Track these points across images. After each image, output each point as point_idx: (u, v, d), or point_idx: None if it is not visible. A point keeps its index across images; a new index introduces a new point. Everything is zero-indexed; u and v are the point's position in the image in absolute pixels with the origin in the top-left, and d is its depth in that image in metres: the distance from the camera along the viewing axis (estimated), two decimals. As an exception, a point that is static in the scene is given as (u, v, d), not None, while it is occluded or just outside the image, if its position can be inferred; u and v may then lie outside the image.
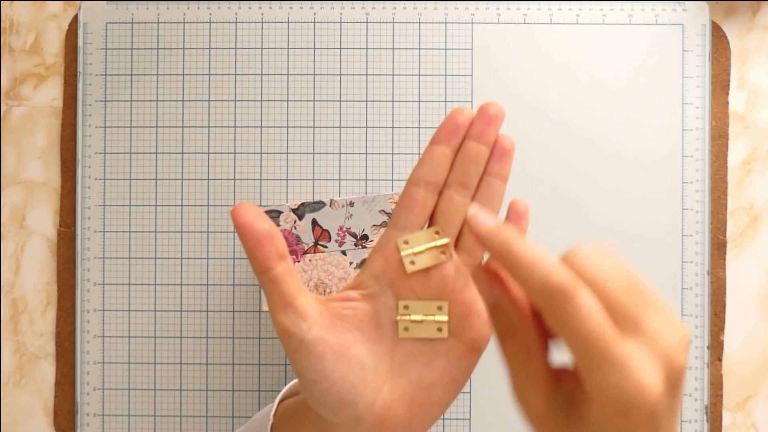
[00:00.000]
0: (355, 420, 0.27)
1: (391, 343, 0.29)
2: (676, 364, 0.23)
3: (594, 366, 0.22)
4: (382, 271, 0.29)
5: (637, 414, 0.22)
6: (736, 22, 0.54)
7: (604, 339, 0.22)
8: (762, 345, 0.53)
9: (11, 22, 0.54)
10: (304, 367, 0.27)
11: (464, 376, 0.29)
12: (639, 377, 0.22)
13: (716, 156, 0.53)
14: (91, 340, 0.53)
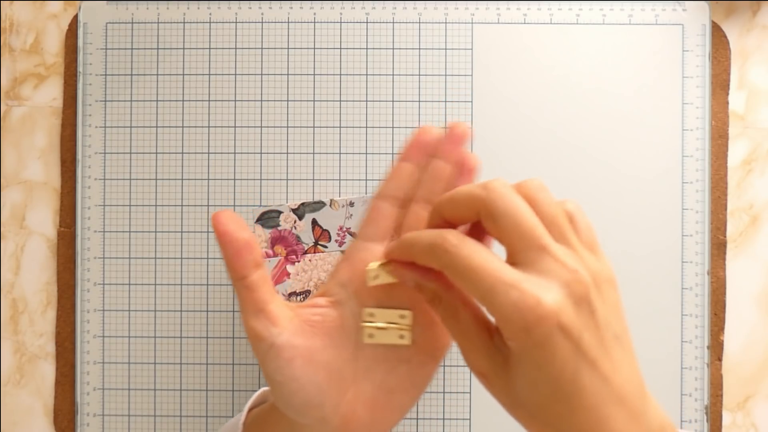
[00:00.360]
0: (321, 421, 0.29)
1: (355, 348, 0.30)
2: (577, 279, 0.25)
3: (489, 298, 0.24)
4: (349, 280, 0.30)
5: (540, 327, 0.24)
6: (736, 22, 0.54)
7: (487, 271, 0.24)
8: (762, 345, 0.53)
9: (11, 22, 0.54)
10: (273, 370, 0.28)
11: (425, 381, 0.31)
12: (525, 293, 0.24)
13: (716, 156, 0.53)
14: (91, 340, 0.53)
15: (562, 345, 0.24)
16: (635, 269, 0.52)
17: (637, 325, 0.52)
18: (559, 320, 0.24)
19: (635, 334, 0.52)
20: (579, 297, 0.25)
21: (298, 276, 0.45)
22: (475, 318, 0.28)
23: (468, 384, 0.53)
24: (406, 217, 0.30)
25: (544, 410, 0.25)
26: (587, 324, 0.25)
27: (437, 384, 0.53)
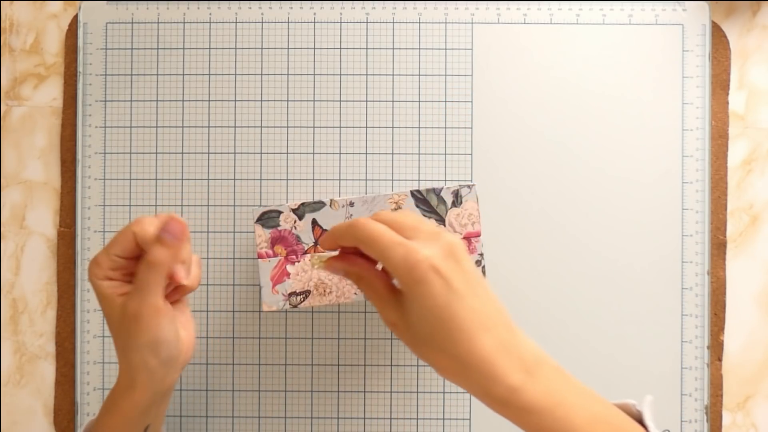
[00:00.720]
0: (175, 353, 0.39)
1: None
2: (443, 238, 0.35)
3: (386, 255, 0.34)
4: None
5: (418, 268, 0.33)
6: (736, 22, 0.54)
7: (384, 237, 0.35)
8: (762, 345, 0.53)
9: (11, 22, 0.54)
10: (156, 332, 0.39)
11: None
12: (408, 247, 0.34)
13: (716, 156, 0.53)
14: (91, 340, 0.53)
15: (436, 281, 0.33)
16: (635, 269, 0.52)
17: (637, 325, 0.52)
18: (431, 263, 0.34)
19: (635, 334, 0.52)
20: (447, 251, 0.35)
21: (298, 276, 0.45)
22: (385, 285, 0.38)
23: (468, 384, 0.53)
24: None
25: (431, 336, 0.34)
26: (455, 269, 0.34)
27: (437, 384, 0.53)
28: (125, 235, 0.38)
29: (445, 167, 0.53)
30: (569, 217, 0.52)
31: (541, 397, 0.33)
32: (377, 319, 0.53)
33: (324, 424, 0.53)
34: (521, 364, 0.34)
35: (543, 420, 0.33)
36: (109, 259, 0.38)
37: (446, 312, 0.33)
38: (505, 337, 0.34)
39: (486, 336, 0.34)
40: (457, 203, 0.45)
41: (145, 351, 0.39)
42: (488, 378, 0.33)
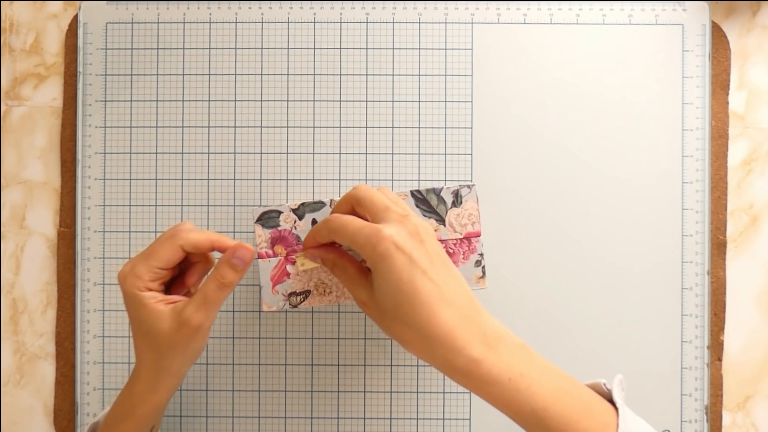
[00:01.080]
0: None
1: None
2: (407, 220, 0.37)
3: (353, 239, 0.37)
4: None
5: (381, 245, 0.36)
6: (736, 22, 0.54)
7: (351, 224, 0.38)
8: (762, 345, 0.53)
9: (11, 22, 0.54)
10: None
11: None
12: (372, 228, 0.36)
13: (716, 156, 0.53)
14: (91, 340, 0.53)
15: (399, 258, 0.35)
16: (635, 269, 0.52)
17: (637, 325, 0.52)
18: (394, 240, 0.36)
19: (635, 334, 0.52)
20: (411, 230, 0.37)
21: (298, 276, 0.45)
22: (355, 267, 0.41)
23: (468, 384, 0.53)
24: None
25: (396, 310, 0.36)
26: (418, 247, 0.36)
27: (437, 384, 0.53)
28: (169, 248, 0.40)
29: (445, 167, 0.53)
30: (569, 217, 0.52)
31: (503, 369, 0.35)
32: (377, 319, 0.53)
33: (324, 424, 0.53)
34: (483, 337, 0.35)
35: (505, 391, 0.34)
36: (150, 271, 0.40)
37: (409, 286, 0.35)
38: (467, 311, 0.35)
39: (448, 310, 0.35)
40: (457, 203, 0.45)
41: (189, 359, 0.42)
42: (450, 350, 0.35)
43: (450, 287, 0.36)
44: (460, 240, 0.45)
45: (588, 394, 0.37)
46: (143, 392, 0.41)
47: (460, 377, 0.35)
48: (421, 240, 0.37)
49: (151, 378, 0.41)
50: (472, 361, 0.35)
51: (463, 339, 0.35)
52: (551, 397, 0.35)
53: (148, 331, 0.40)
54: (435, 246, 0.37)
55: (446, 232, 0.45)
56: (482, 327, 0.35)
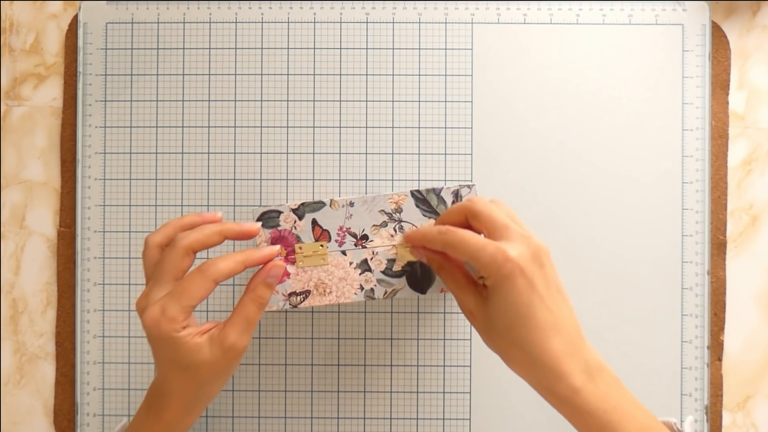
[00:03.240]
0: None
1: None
2: (531, 243, 0.37)
3: (476, 256, 0.37)
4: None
5: (507, 266, 0.36)
6: (736, 22, 0.54)
7: (473, 240, 0.38)
8: (762, 345, 0.53)
9: (11, 22, 0.54)
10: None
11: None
12: (498, 247, 0.37)
13: (716, 156, 0.53)
14: (91, 340, 0.53)
15: (521, 281, 0.36)
16: (635, 269, 0.52)
17: (637, 325, 0.52)
18: (518, 264, 0.36)
19: (635, 334, 0.52)
20: (533, 254, 0.37)
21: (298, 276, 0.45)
22: (465, 276, 0.41)
23: (468, 384, 0.53)
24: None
25: (509, 330, 0.37)
26: (538, 272, 0.37)
27: (437, 384, 0.53)
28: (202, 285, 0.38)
29: (445, 167, 0.53)
30: (569, 218, 0.52)
31: (598, 400, 0.36)
32: (377, 319, 0.53)
33: (324, 424, 0.53)
34: (585, 367, 0.37)
35: (597, 421, 0.36)
36: (184, 311, 0.38)
37: (526, 309, 0.36)
38: (574, 341, 0.37)
39: (558, 337, 0.36)
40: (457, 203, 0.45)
41: (228, 378, 0.42)
42: (554, 376, 0.36)
43: (563, 315, 0.37)
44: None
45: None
46: (178, 417, 0.41)
47: (558, 403, 0.37)
48: (541, 264, 0.37)
49: (187, 404, 0.41)
50: (573, 390, 0.36)
51: (567, 367, 0.36)
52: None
53: (187, 366, 0.39)
54: (552, 270, 0.38)
55: None
56: (586, 357, 0.37)
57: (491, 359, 0.53)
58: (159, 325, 0.38)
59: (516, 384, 0.52)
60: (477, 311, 0.39)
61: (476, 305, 0.39)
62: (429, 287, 0.45)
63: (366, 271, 0.45)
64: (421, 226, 0.44)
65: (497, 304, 0.37)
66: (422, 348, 0.53)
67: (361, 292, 0.45)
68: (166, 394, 0.40)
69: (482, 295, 0.39)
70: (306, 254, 0.45)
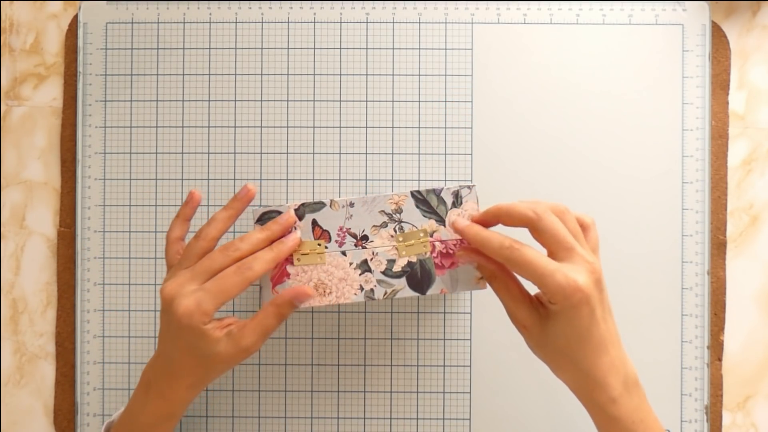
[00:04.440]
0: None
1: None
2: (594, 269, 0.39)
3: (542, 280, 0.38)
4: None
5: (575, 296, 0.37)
6: (736, 22, 0.54)
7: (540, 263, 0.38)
8: (762, 345, 0.53)
9: (11, 22, 0.54)
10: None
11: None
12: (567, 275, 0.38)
13: (716, 156, 0.53)
14: (91, 340, 0.53)
15: (585, 309, 0.38)
16: (635, 269, 0.52)
17: (637, 325, 0.52)
18: (586, 294, 0.38)
19: (635, 334, 0.52)
20: (596, 280, 0.39)
21: (298, 276, 0.45)
22: (519, 288, 0.42)
23: (468, 384, 0.53)
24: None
25: (565, 348, 0.39)
26: (599, 298, 0.39)
27: (437, 384, 0.53)
28: (240, 285, 0.41)
29: (445, 167, 0.53)
30: (569, 217, 0.52)
31: (630, 411, 0.40)
32: (377, 319, 0.53)
33: (324, 424, 0.53)
34: (624, 381, 0.40)
35: (624, 430, 0.40)
36: (217, 308, 0.41)
37: (586, 333, 0.39)
38: (617, 356, 0.40)
39: (606, 355, 0.40)
40: (457, 204, 0.45)
41: (231, 368, 0.47)
42: (599, 387, 0.40)
43: (611, 334, 0.40)
44: (461, 241, 0.45)
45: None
46: (183, 396, 0.43)
47: (594, 409, 0.40)
48: (601, 290, 0.39)
49: (193, 385, 0.43)
50: (611, 400, 0.40)
51: (611, 380, 0.40)
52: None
53: (202, 354, 0.42)
54: (607, 294, 0.40)
55: (446, 232, 0.45)
56: (626, 371, 0.40)
57: (491, 359, 0.53)
58: (192, 316, 0.40)
59: (516, 384, 0.52)
60: (532, 326, 0.41)
61: (531, 320, 0.41)
62: (429, 288, 0.45)
63: (366, 271, 0.45)
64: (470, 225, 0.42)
65: (557, 326, 0.39)
66: (422, 348, 0.53)
67: (361, 292, 0.45)
68: (174, 375, 0.43)
69: (538, 311, 0.41)
70: (303, 252, 0.45)
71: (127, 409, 0.45)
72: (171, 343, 0.42)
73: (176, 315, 0.41)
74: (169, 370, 0.43)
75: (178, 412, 0.44)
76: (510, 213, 0.41)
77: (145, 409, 0.44)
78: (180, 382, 0.43)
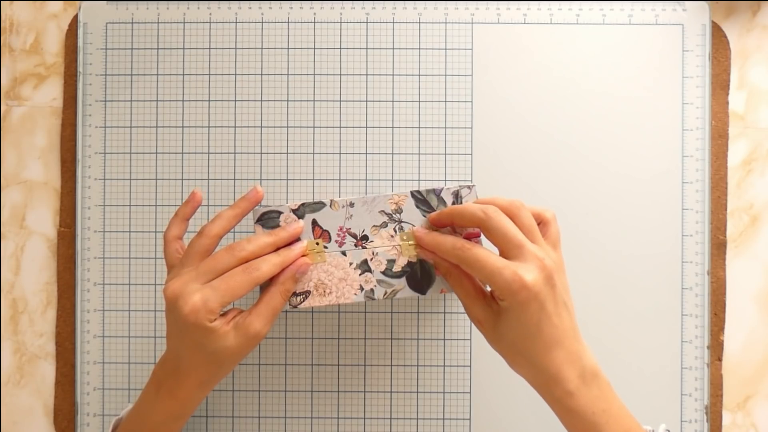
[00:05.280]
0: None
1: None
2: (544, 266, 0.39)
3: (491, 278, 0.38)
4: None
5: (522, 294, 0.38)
6: (736, 22, 0.54)
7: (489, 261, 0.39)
8: (762, 345, 0.53)
9: (11, 22, 0.54)
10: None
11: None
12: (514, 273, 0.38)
13: (716, 156, 0.53)
14: (91, 340, 0.53)
15: (534, 305, 0.38)
16: (635, 269, 0.52)
17: (637, 325, 0.52)
18: (533, 290, 0.38)
19: (635, 334, 0.52)
20: (546, 276, 0.39)
21: (298, 276, 0.45)
22: (473, 285, 0.42)
23: (468, 384, 0.53)
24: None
25: (518, 344, 0.40)
26: (550, 294, 0.39)
27: (437, 383, 0.53)
28: (248, 286, 0.41)
29: (445, 167, 0.53)
30: (569, 218, 0.52)
31: (589, 404, 0.40)
32: (377, 319, 0.53)
33: (324, 424, 0.53)
34: (581, 373, 0.40)
35: (586, 424, 0.40)
36: (222, 306, 0.41)
37: (535, 328, 0.39)
38: (573, 348, 0.40)
39: (560, 349, 0.40)
40: (457, 204, 0.45)
41: (240, 361, 0.46)
42: (553, 381, 0.40)
43: (564, 327, 0.40)
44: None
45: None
46: (193, 394, 0.43)
47: (553, 403, 0.41)
48: (553, 285, 0.39)
49: (203, 383, 0.43)
50: (567, 393, 0.40)
51: (565, 374, 0.39)
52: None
53: (211, 351, 0.41)
54: (561, 286, 0.40)
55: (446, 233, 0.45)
56: (583, 363, 0.40)
57: (491, 359, 0.53)
58: (197, 314, 0.40)
59: (516, 384, 0.52)
60: (485, 321, 0.41)
61: (485, 315, 0.41)
62: (429, 288, 0.45)
63: (366, 271, 0.45)
64: (426, 233, 0.43)
65: (507, 322, 0.40)
66: (422, 348, 0.53)
67: (361, 292, 0.45)
68: (183, 374, 0.42)
69: (491, 306, 0.41)
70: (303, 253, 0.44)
71: (135, 408, 0.45)
72: (179, 342, 0.42)
73: (182, 314, 0.40)
74: (179, 369, 0.42)
75: (187, 412, 0.44)
76: (462, 214, 0.41)
77: (155, 408, 0.43)
78: (190, 381, 0.42)
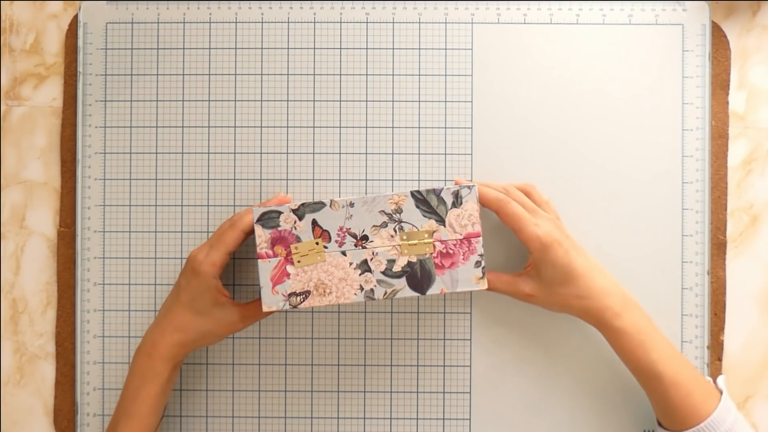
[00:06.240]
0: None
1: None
2: (557, 223, 0.48)
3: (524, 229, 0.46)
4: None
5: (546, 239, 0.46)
6: (736, 22, 0.54)
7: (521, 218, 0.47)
8: (762, 345, 0.53)
9: (11, 22, 0.54)
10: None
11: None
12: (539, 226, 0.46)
13: (716, 156, 0.53)
14: (91, 340, 0.53)
15: (559, 249, 0.46)
16: (635, 269, 0.52)
17: (637, 325, 0.52)
18: (554, 236, 0.46)
19: (635, 334, 0.52)
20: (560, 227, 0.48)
21: (298, 276, 0.45)
22: (509, 276, 0.49)
23: (468, 384, 0.53)
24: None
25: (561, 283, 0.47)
26: (565, 239, 0.47)
27: (437, 384, 0.53)
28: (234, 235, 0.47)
29: (445, 167, 0.53)
30: (569, 218, 0.52)
31: (634, 324, 0.47)
32: (377, 319, 0.53)
33: (324, 424, 0.53)
34: (623, 299, 0.47)
35: (632, 342, 0.46)
36: (221, 258, 0.47)
37: (568, 266, 0.47)
38: (609, 282, 0.48)
39: (600, 276, 0.47)
40: (457, 204, 0.45)
41: (208, 344, 0.51)
42: (602, 306, 0.47)
43: (594, 263, 0.48)
44: (460, 241, 0.45)
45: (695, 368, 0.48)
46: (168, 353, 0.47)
47: (603, 326, 0.47)
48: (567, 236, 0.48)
49: (181, 345, 0.47)
50: (615, 314, 0.46)
51: (611, 299, 0.47)
52: (667, 357, 0.46)
53: (201, 309, 0.47)
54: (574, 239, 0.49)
55: (446, 232, 0.45)
56: (622, 291, 0.48)
57: (491, 359, 0.53)
58: (201, 266, 0.46)
59: (516, 384, 0.52)
60: (531, 290, 0.48)
61: (531, 287, 0.48)
62: (429, 287, 0.45)
63: (366, 271, 0.45)
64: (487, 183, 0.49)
65: (546, 271, 0.47)
66: (422, 348, 0.53)
67: (360, 292, 0.45)
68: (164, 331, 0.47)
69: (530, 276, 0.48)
70: (303, 253, 0.45)
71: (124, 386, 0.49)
72: (174, 298, 0.48)
73: (190, 264, 0.47)
74: (161, 326, 0.47)
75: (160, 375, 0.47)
76: (482, 194, 0.47)
77: (133, 372, 0.47)
78: (166, 338, 0.47)
